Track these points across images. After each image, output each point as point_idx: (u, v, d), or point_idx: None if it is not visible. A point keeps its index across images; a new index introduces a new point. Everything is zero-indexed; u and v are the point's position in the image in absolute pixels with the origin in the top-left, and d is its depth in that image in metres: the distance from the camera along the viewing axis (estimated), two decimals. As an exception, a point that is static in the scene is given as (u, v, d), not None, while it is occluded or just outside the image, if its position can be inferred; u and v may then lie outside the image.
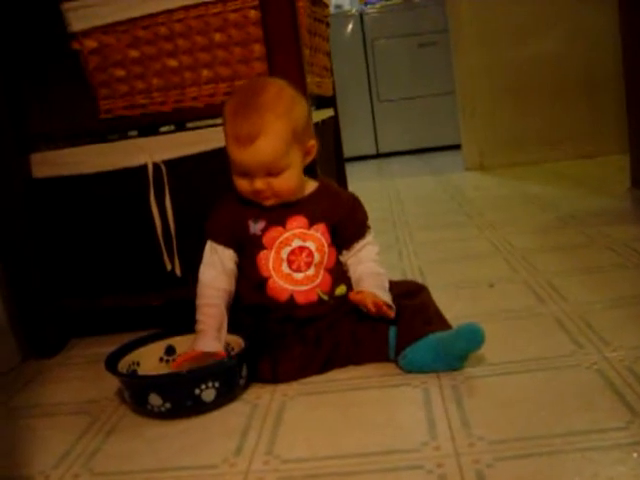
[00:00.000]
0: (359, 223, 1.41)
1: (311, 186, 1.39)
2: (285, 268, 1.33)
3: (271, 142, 1.26)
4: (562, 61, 3.68)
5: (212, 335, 1.30)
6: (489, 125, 3.81)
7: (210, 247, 1.37)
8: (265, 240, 1.34)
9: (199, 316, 1.33)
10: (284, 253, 1.33)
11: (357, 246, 1.39)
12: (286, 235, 1.34)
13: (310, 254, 1.33)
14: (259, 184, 1.30)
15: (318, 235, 1.35)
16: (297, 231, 1.34)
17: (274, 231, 1.34)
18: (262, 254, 1.34)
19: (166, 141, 1.54)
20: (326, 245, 1.35)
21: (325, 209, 1.36)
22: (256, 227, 1.35)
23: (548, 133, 3.75)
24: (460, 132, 3.97)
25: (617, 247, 1.89)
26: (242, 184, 1.32)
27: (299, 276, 1.33)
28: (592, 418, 1.01)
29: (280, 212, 1.34)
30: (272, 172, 1.29)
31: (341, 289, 1.36)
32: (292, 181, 1.32)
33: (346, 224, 1.38)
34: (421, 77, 4.99)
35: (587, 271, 1.72)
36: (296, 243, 1.34)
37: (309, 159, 1.37)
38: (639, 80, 2.36)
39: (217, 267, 1.36)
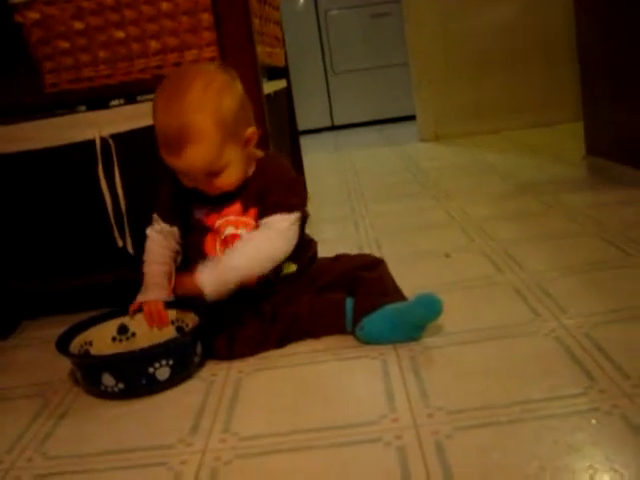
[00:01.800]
0: (279, 200, 1.27)
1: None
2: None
3: (201, 149, 1.19)
4: (517, 30, 3.67)
5: (159, 290, 1.33)
6: (444, 95, 3.80)
7: (154, 219, 1.37)
8: (210, 223, 1.31)
9: (150, 270, 1.34)
10: (222, 237, 1.30)
11: (264, 220, 1.28)
12: (220, 222, 1.30)
13: None
14: (200, 184, 1.26)
15: (250, 221, 1.29)
16: (230, 218, 1.30)
17: (213, 217, 1.31)
18: (210, 237, 1.31)
19: (114, 115, 1.49)
20: None
21: (258, 191, 1.29)
22: (200, 212, 1.32)
23: (504, 102, 3.76)
24: (415, 103, 3.95)
25: (573, 214, 1.90)
26: (184, 180, 1.28)
27: None
28: (550, 385, 1.01)
29: (221, 199, 1.29)
30: (211, 173, 1.23)
31: (289, 267, 1.33)
32: (234, 177, 1.26)
33: (267, 197, 1.28)
34: (375, 48, 4.96)
35: (544, 239, 1.73)
36: (229, 230, 1.30)
37: (251, 145, 1.29)
38: (591, 49, 2.37)
39: (160, 236, 1.36)
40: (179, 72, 1.29)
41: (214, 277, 1.21)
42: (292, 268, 1.34)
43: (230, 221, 1.30)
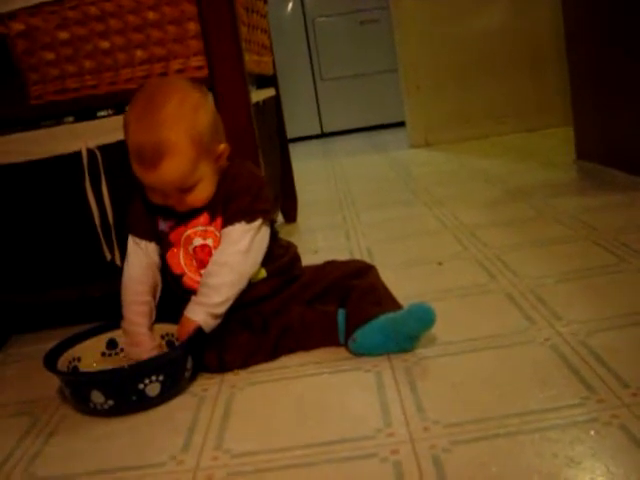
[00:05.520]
0: (243, 207, 1.26)
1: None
2: (195, 263, 1.30)
3: (176, 164, 1.19)
4: (506, 35, 3.67)
5: (150, 340, 1.29)
6: (433, 101, 3.79)
7: (133, 241, 1.34)
8: (172, 238, 1.30)
9: (130, 315, 1.30)
10: (190, 249, 1.29)
11: (226, 231, 1.27)
12: (188, 233, 1.29)
13: (210, 252, 1.28)
14: (171, 200, 1.25)
15: (217, 232, 1.28)
16: (198, 229, 1.29)
17: (179, 230, 1.30)
18: (172, 252, 1.31)
19: (100, 126, 1.47)
20: None
21: (224, 198, 1.28)
22: (165, 225, 1.31)
23: (493, 107, 3.75)
24: (404, 109, 3.94)
25: (565, 219, 1.88)
26: (153, 196, 1.26)
27: None
28: (548, 396, 0.99)
29: (188, 213, 1.28)
30: (183, 189, 1.23)
31: (259, 273, 1.31)
32: (205, 193, 1.26)
33: (231, 204, 1.27)
34: (364, 55, 4.95)
35: (536, 245, 1.71)
36: (197, 241, 1.29)
37: (222, 162, 1.29)
38: (581, 52, 2.36)
39: (142, 261, 1.32)
40: (151, 87, 1.26)
41: (207, 318, 1.24)
42: (262, 274, 1.31)
43: (198, 232, 1.29)
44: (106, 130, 1.45)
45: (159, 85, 1.27)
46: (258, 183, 1.31)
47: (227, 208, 1.27)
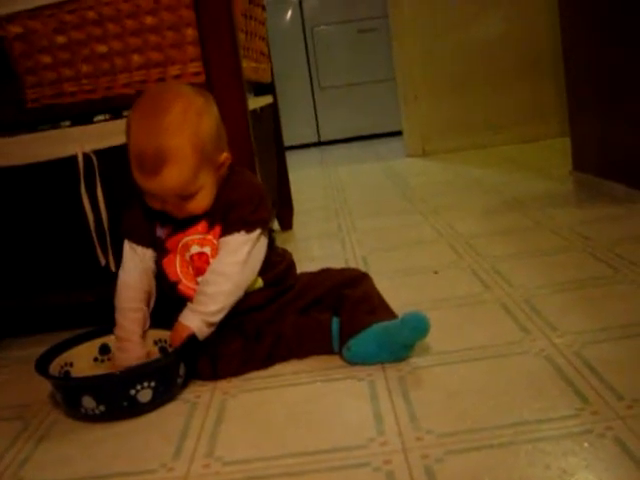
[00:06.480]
0: (243, 216, 1.25)
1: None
2: (192, 271, 1.29)
3: (178, 172, 1.18)
4: (502, 45, 3.68)
5: (139, 348, 1.28)
6: (431, 111, 3.80)
7: (129, 247, 1.32)
8: (168, 244, 1.29)
9: (123, 321, 1.29)
10: (187, 257, 1.29)
11: (225, 240, 1.26)
12: (185, 240, 1.28)
13: (208, 260, 1.27)
14: (171, 207, 1.24)
15: (214, 240, 1.27)
16: (195, 237, 1.28)
17: (176, 237, 1.29)
18: (168, 258, 1.30)
19: (96, 130, 1.47)
20: None
21: (223, 206, 1.27)
22: (162, 231, 1.30)
23: (490, 117, 3.76)
24: (402, 118, 3.95)
25: (561, 230, 1.88)
26: (152, 202, 1.26)
27: None
28: (542, 407, 0.98)
29: (186, 220, 1.28)
30: (183, 197, 1.22)
31: (256, 283, 1.30)
32: (205, 201, 1.25)
33: (231, 213, 1.26)
34: (362, 64, 4.96)
35: (532, 255, 1.71)
36: (194, 249, 1.28)
37: (223, 170, 1.28)
38: (578, 64, 2.37)
39: (138, 267, 1.31)
40: (155, 93, 1.25)
41: (202, 325, 1.23)
42: (259, 283, 1.31)
43: (196, 240, 1.28)
44: (102, 135, 1.45)
45: (162, 91, 1.26)
46: (259, 192, 1.30)
47: (227, 217, 1.26)
